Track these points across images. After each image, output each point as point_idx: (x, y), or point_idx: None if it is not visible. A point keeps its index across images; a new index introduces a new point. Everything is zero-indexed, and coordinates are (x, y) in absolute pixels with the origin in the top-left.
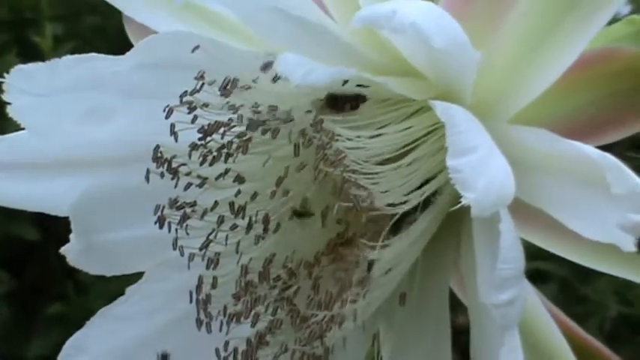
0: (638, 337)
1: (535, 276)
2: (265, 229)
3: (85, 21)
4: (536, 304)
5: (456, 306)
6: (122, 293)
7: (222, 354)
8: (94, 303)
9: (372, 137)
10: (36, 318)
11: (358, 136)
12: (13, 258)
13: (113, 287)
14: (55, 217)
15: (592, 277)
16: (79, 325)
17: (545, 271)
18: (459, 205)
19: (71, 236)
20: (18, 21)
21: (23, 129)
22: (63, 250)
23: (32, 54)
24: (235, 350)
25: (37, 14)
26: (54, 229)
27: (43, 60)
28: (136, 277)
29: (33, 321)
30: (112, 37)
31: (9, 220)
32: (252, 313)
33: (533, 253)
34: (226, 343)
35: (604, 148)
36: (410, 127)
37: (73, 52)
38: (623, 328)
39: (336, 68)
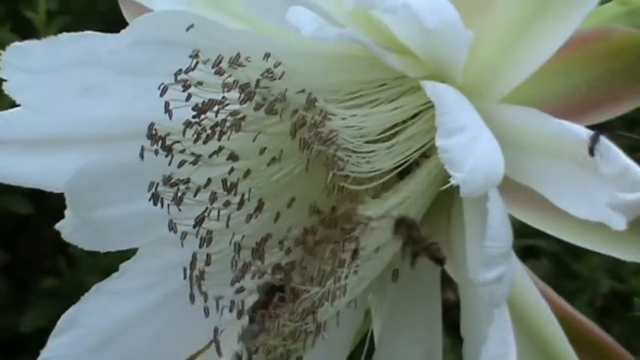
0: (630, 313)
1: (527, 252)
2: (258, 207)
3: None
4: (526, 283)
5: (446, 282)
6: (114, 268)
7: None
8: (86, 277)
9: (363, 116)
10: (29, 292)
11: (352, 115)
12: (5, 232)
13: (106, 261)
14: (47, 192)
15: (584, 254)
16: (72, 299)
17: (537, 247)
18: (448, 185)
19: (66, 212)
20: None
21: (18, 106)
22: (58, 225)
23: (26, 29)
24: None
25: None
26: (46, 203)
27: (36, 35)
28: (129, 252)
29: (26, 294)
30: (104, 13)
31: (1, 194)
32: (247, 288)
33: (524, 229)
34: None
35: (596, 126)
36: (400, 107)
37: (65, 28)
38: (615, 303)
39: (348, 29)
